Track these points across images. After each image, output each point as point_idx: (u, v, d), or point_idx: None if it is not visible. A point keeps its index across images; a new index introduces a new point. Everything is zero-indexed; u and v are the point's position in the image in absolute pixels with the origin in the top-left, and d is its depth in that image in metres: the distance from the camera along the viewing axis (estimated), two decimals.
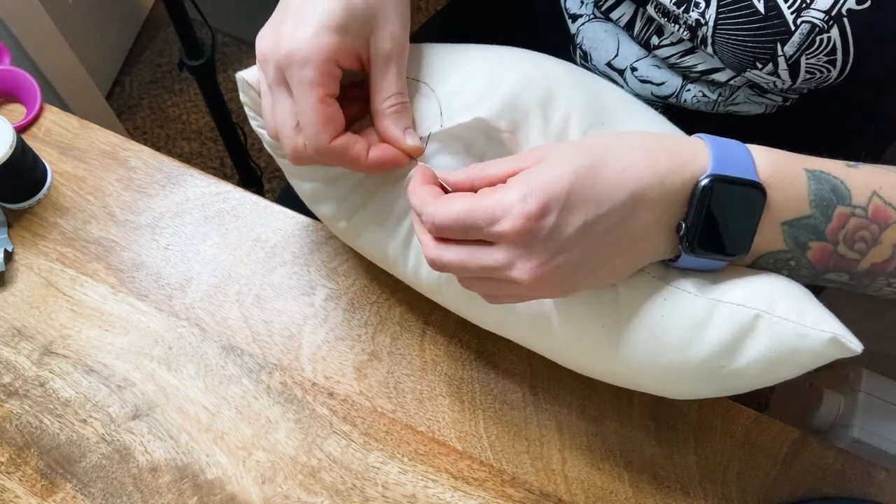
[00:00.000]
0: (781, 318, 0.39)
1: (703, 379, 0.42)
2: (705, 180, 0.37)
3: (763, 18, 0.43)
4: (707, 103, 0.52)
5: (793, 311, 0.39)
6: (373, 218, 0.48)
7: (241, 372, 0.53)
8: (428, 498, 0.50)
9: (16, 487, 0.50)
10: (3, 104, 0.63)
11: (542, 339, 0.47)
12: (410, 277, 0.50)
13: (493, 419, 0.53)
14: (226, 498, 0.50)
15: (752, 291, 0.40)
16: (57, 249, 0.57)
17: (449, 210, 0.38)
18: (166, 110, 1.58)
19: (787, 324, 0.39)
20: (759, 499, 0.52)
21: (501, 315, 0.48)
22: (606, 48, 0.55)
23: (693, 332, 0.40)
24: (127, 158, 0.60)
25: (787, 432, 0.53)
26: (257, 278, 0.56)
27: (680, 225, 0.38)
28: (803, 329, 0.38)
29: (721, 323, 0.40)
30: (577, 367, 0.49)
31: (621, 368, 0.44)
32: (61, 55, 1.23)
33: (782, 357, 0.39)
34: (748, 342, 0.40)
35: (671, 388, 0.45)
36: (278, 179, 1.52)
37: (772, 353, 0.39)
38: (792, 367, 0.40)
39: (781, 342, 0.39)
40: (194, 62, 1.08)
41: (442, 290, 0.48)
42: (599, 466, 0.52)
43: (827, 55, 0.43)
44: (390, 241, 0.48)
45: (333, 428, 0.52)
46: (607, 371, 0.46)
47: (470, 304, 0.48)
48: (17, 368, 0.53)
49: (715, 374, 0.41)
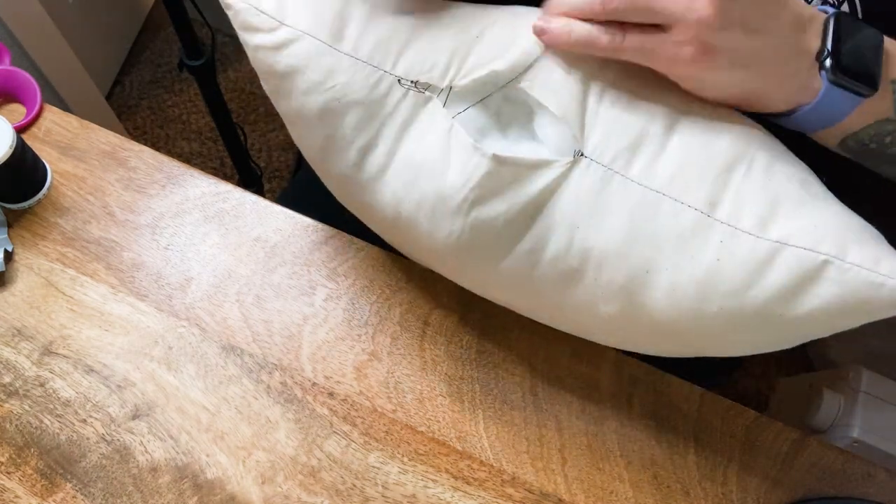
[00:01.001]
0: (854, 265, 0.36)
1: (755, 328, 0.40)
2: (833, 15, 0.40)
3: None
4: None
5: (867, 258, 0.37)
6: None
7: (241, 372, 0.53)
8: (428, 498, 0.50)
9: (16, 487, 0.50)
10: (3, 104, 0.63)
11: (569, 297, 0.44)
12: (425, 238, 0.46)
13: (493, 419, 0.53)
14: (226, 498, 0.50)
15: (820, 230, 0.38)
16: (57, 249, 0.57)
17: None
18: (166, 110, 1.58)
19: (860, 271, 0.36)
20: (759, 499, 0.52)
21: (524, 266, 0.44)
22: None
23: (751, 277, 0.38)
24: (127, 158, 0.60)
25: (787, 432, 0.53)
26: (257, 278, 0.56)
27: (822, 50, 0.40)
28: (879, 278, 0.36)
29: (784, 267, 0.37)
30: (600, 329, 0.45)
31: (664, 319, 0.41)
32: (61, 55, 1.23)
33: (851, 306, 0.37)
34: (813, 289, 0.37)
35: (717, 342, 0.42)
36: (278, 179, 1.52)
37: (840, 301, 0.37)
38: (858, 316, 0.38)
39: (853, 291, 0.36)
40: (194, 62, 1.08)
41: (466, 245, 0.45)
42: (599, 466, 0.52)
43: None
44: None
45: (333, 428, 0.52)
46: (637, 331, 0.43)
47: (488, 257, 0.45)
48: (17, 368, 0.53)
49: (770, 322, 0.39)
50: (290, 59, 0.42)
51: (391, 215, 0.46)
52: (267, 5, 0.42)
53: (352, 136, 0.44)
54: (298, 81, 0.43)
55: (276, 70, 0.43)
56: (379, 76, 0.42)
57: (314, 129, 0.45)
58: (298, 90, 0.43)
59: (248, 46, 0.44)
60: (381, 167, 0.44)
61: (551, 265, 0.43)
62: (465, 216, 0.43)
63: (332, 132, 0.44)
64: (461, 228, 0.43)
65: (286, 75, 0.43)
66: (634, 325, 0.43)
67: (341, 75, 0.42)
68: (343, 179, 0.47)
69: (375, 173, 0.45)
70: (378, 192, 0.45)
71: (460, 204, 0.43)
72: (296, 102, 0.44)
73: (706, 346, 0.43)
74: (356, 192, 0.47)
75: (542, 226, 0.42)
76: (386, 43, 0.42)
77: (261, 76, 0.45)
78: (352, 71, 0.42)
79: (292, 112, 0.45)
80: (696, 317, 0.40)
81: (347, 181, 0.47)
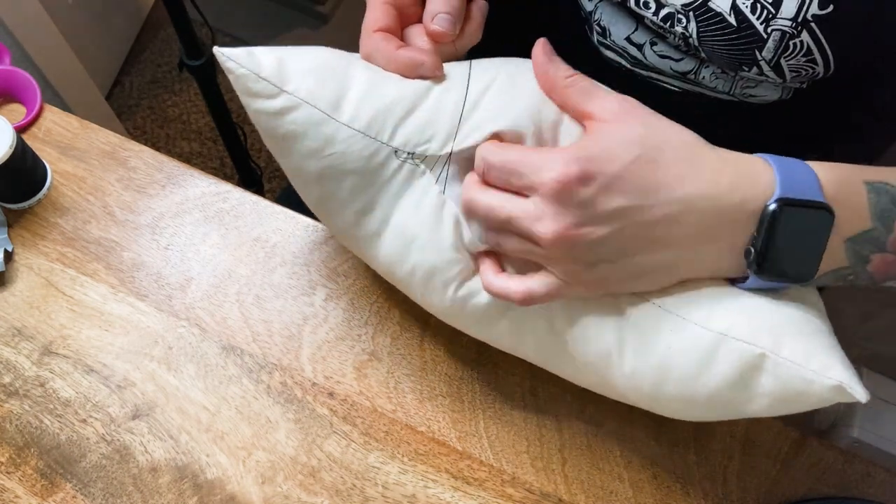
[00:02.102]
0: (787, 360, 0.38)
1: (712, 407, 0.42)
2: (773, 205, 0.37)
3: (737, 30, 0.44)
4: (725, 81, 0.52)
5: (798, 354, 0.38)
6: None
7: (241, 372, 0.53)
8: (428, 498, 0.50)
9: (16, 487, 0.50)
10: (3, 104, 0.63)
11: (553, 360, 0.48)
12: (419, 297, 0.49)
13: (493, 419, 0.53)
14: (226, 498, 0.50)
15: (759, 324, 0.39)
16: (57, 249, 0.57)
17: (504, 152, 0.40)
18: (166, 110, 1.58)
19: (791, 366, 0.38)
20: (759, 499, 0.52)
21: (511, 334, 0.48)
22: (625, 23, 0.55)
23: (700, 367, 0.40)
24: (127, 158, 0.60)
25: (787, 432, 0.53)
26: (257, 278, 0.56)
27: (749, 250, 0.38)
28: (809, 374, 0.38)
29: (727, 359, 0.40)
30: (589, 386, 0.49)
31: (631, 394, 0.45)
32: (61, 55, 1.23)
33: (789, 397, 0.39)
34: (756, 379, 0.39)
35: (678, 413, 0.45)
36: (278, 179, 1.52)
37: (778, 392, 0.39)
38: (800, 405, 0.39)
39: (786, 384, 0.39)
40: (194, 62, 1.08)
41: (458, 312, 0.48)
42: (599, 466, 0.52)
43: (805, 56, 0.43)
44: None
45: (333, 428, 0.52)
46: (619, 393, 0.46)
47: (480, 323, 0.48)
48: (17, 368, 0.53)
49: (722, 404, 0.41)
50: (290, 126, 0.43)
51: (386, 272, 0.48)
52: (267, 71, 0.42)
53: (348, 199, 0.45)
54: (298, 146, 0.44)
55: (276, 133, 0.44)
56: (376, 147, 0.43)
57: (312, 188, 0.46)
58: (298, 153, 0.44)
59: (249, 109, 0.44)
60: (376, 231, 0.46)
61: (534, 338, 0.47)
62: (456, 291, 0.45)
63: (329, 194, 0.45)
64: (451, 300, 0.46)
65: (286, 138, 0.44)
66: (613, 392, 0.47)
67: (339, 144, 0.43)
68: (341, 232, 0.49)
69: (371, 235, 0.47)
70: (374, 249, 0.47)
71: (451, 279, 0.45)
72: (295, 163, 0.45)
73: (675, 414, 0.45)
74: (354, 244, 0.49)
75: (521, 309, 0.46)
76: (384, 113, 0.43)
77: (261, 135, 0.46)
78: (349, 141, 0.43)
79: (292, 170, 0.46)
80: (657, 396, 0.43)
81: (345, 235, 0.49)
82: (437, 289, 0.46)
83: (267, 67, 0.42)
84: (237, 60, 0.42)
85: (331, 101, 0.42)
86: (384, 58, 0.44)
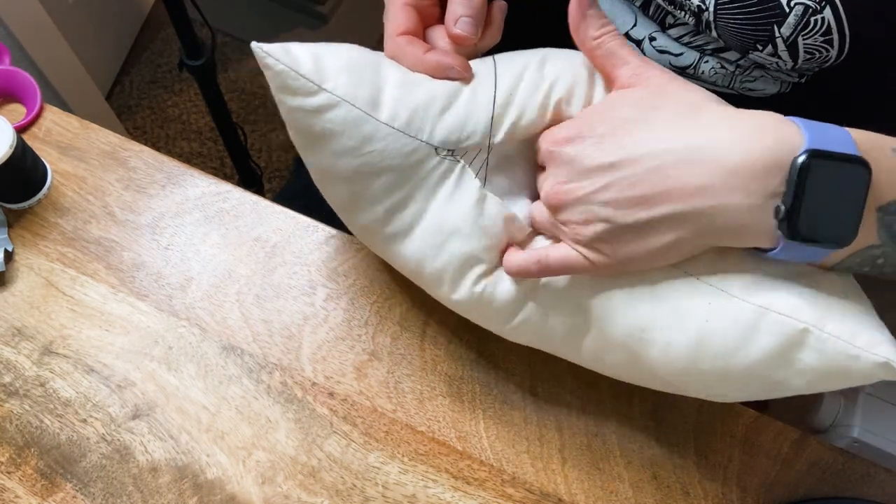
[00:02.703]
0: (832, 336, 0.38)
1: (746, 383, 0.41)
2: (803, 157, 0.34)
3: (759, 2, 0.43)
4: (725, 76, 0.52)
5: (844, 330, 0.38)
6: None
7: (241, 372, 0.54)
8: (428, 498, 0.50)
9: (16, 487, 0.50)
10: (3, 104, 0.63)
11: (579, 343, 0.47)
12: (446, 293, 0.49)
13: (493, 419, 0.53)
14: (226, 498, 0.50)
15: (799, 299, 0.38)
16: (57, 249, 0.57)
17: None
18: (166, 110, 1.58)
19: (837, 342, 0.38)
20: (759, 499, 0.52)
21: (538, 319, 0.47)
22: (624, 18, 0.55)
23: (740, 341, 0.39)
24: (127, 158, 0.60)
25: (787, 432, 0.53)
26: (257, 278, 0.56)
27: (779, 207, 0.35)
28: (854, 350, 0.37)
29: (769, 333, 0.39)
30: (615, 371, 0.48)
31: (662, 371, 0.44)
32: (61, 55, 1.23)
33: (832, 373, 0.38)
34: (798, 355, 0.39)
35: (713, 391, 0.44)
36: (278, 179, 1.52)
37: (821, 368, 0.38)
38: (841, 381, 0.39)
39: (831, 359, 0.38)
40: (194, 62, 1.08)
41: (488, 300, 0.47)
42: (599, 466, 0.52)
43: (823, 35, 0.43)
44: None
45: (333, 428, 0.52)
46: (646, 376, 0.46)
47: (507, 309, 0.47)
48: (17, 368, 0.53)
49: (760, 380, 0.41)
50: (328, 124, 0.42)
51: (413, 269, 0.48)
52: (306, 68, 0.42)
53: (381, 196, 0.45)
54: (333, 144, 0.43)
55: (311, 131, 0.43)
56: (416, 145, 0.43)
57: (342, 186, 0.45)
58: (332, 152, 0.44)
59: (284, 106, 0.43)
60: (408, 227, 0.46)
61: (562, 320, 0.46)
62: (488, 276, 0.46)
63: (360, 191, 0.45)
64: (484, 286, 0.46)
65: (322, 136, 0.43)
66: (639, 372, 0.46)
67: (378, 143, 0.43)
68: (367, 229, 0.48)
69: (401, 231, 0.46)
70: (402, 246, 0.47)
71: (487, 268, 0.45)
72: (327, 162, 0.44)
73: (703, 393, 0.45)
74: (379, 241, 0.48)
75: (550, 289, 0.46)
76: (423, 111, 0.43)
77: (292, 133, 0.45)
78: (388, 139, 0.42)
79: (322, 168, 0.45)
80: (690, 372, 0.42)
81: (371, 232, 0.48)
82: (471, 278, 0.46)
83: (305, 64, 0.42)
84: (275, 56, 0.42)
85: (368, 100, 0.42)
86: (412, 62, 0.44)
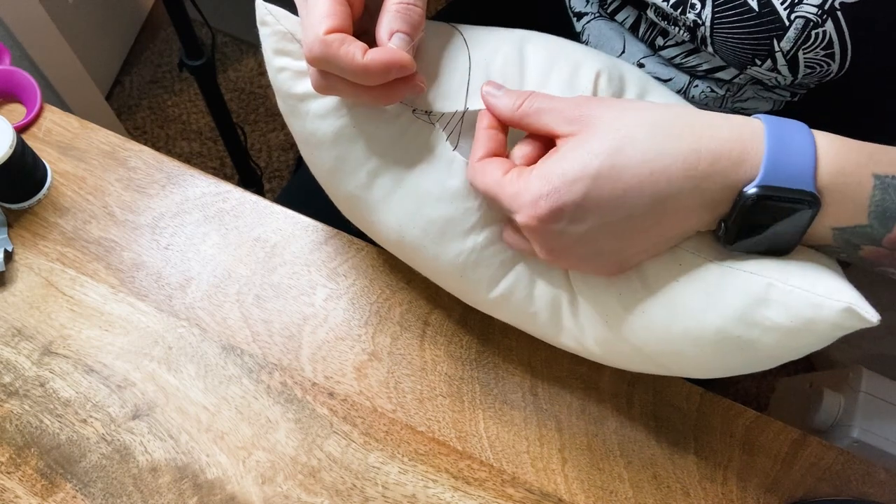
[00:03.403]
0: (794, 287, 0.37)
1: (722, 351, 0.41)
2: (753, 189, 0.35)
3: (757, 15, 0.43)
4: (715, 99, 0.52)
5: (805, 280, 0.37)
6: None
7: (241, 372, 0.53)
8: (428, 498, 0.50)
9: (16, 487, 0.50)
10: (3, 104, 0.63)
11: (559, 316, 0.47)
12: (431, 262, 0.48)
13: (493, 419, 0.53)
14: (226, 498, 0.50)
15: (768, 260, 0.39)
16: (57, 249, 0.57)
17: (484, 177, 0.40)
18: (166, 110, 1.58)
19: (799, 293, 0.37)
20: (758, 499, 0.52)
21: (527, 282, 0.47)
22: (612, 45, 0.55)
23: (707, 299, 0.40)
24: (127, 158, 0.60)
25: (787, 432, 0.53)
26: (257, 278, 0.56)
27: (720, 224, 0.38)
28: (816, 298, 0.37)
29: (734, 290, 0.39)
30: (600, 353, 0.48)
31: (639, 341, 0.43)
32: (61, 55, 1.23)
33: (799, 328, 0.38)
34: (764, 311, 0.38)
35: (691, 363, 0.43)
36: (278, 179, 1.52)
37: (788, 323, 0.38)
38: (811, 338, 0.38)
39: (796, 312, 0.37)
40: (194, 62, 1.08)
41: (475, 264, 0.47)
42: (599, 466, 0.52)
43: (824, 49, 0.42)
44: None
45: (333, 428, 0.52)
46: (625, 349, 0.45)
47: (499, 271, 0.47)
48: (17, 368, 0.53)
49: (733, 345, 0.40)
50: (311, 86, 0.43)
51: (395, 238, 0.48)
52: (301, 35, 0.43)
53: (363, 159, 0.45)
54: (315, 106, 0.44)
55: (294, 93, 0.45)
56: (394, 106, 0.44)
57: (325, 150, 0.46)
58: (314, 114, 0.45)
59: (272, 66, 0.45)
60: (389, 190, 0.46)
61: (543, 290, 0.47)
62: (476, 238, 0.45)
63: (343, 154, 0.46)
64: (471, 250, 0.46)
65: (304, 99, 0.45)
66: (621, 350, 0.46)
67: (358, 104, 0.44)
68: (351, 198, 0.48)
69: (383, 196, 0.46)
70: (384, 212, 0.47)
71: (470, 228, 0.45)
72: (310, 125, 0.45)
73: (685, 368, 0.44)
74: (363, 210, 0.49)
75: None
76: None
77: (278, 96, 0.46)
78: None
79: (305, 132, 0.46)
80: (666, 339, 0.42)
81: (356, 200, 0.48)
82: (456, 241, 0.46)
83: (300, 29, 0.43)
84: (277, 17, 0.44)
85: None
86: (350, 69, 0.38)
